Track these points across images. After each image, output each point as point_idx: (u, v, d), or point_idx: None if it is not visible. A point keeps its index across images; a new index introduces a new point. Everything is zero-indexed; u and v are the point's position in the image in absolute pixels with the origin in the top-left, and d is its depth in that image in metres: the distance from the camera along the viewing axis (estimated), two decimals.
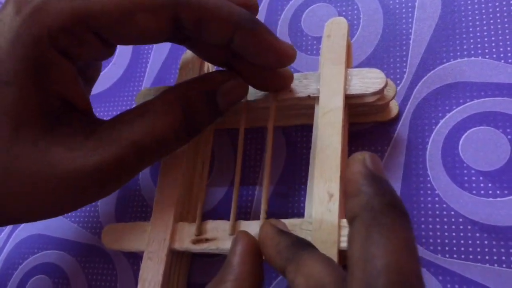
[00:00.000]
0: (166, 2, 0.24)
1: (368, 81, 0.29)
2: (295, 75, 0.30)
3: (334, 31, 0.31)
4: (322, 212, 0.26)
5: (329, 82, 0.29)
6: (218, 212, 0.33)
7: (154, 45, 0.40)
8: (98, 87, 0.41)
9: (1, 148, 0.23)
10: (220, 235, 0.28)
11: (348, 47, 0.31)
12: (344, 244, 0.25)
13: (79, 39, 0.24)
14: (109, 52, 0.27)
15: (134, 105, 0.39)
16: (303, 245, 0.22)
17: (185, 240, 0.29)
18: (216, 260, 0.32)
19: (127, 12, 0.23)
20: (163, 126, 0.25)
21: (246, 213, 0.32)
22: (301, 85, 0.30)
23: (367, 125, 0.32)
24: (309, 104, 0.30)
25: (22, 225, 0.38)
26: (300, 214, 0.31)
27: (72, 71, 0.25)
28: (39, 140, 0.24)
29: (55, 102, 0.25)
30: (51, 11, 0.23)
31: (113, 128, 0.25)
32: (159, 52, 0.40)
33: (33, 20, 0.23)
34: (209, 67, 0.36)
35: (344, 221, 0.26)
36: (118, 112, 0.39)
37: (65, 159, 0.24)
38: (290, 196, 0.32)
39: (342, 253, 0.26)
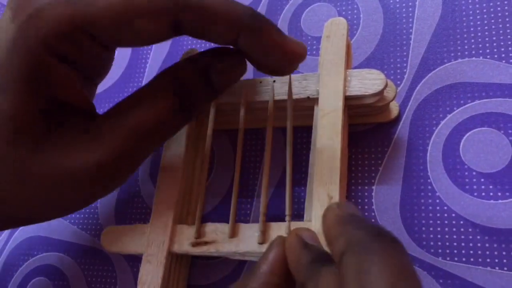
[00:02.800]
0: (166, 6, 0.23)
1: (368, 82, 0.28)
2: (294, 76, 0.30)
3: (333, 31, 0.30)
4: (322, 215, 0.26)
5: (328, 83, 0.29)
6: (217, 214, 0.33)
7: (154, 45, 0.40)
8: (98, 88, 0.41)
9: (2, 154, 0.23)
10: (219, 238, 0.28)
11: (348, 47, 0.31)
12: None
13: (77, 45, 0.23)
14: (110, 55, 0.27)
15: None
16: (322, 261, 0.20)
17: (184, 243, 0.29)
18: (216, 262, 0.31)
19: (125, 17, 0.23)
20: (158, 111, 0.25)
21: (246, 215, 0.32)
22: (301, 86, 0.30)
23: (367, 126, 0.32)
24: (309, 105, 0.30)
25: (21, 227, 0.38)
26: (300, 216, 0.31)
27: (71, 75, 0.24)
28: (39, 144, 0.24)
29: (54, 105, 0.24)
30: (46, 18, 0.22)
31: (111, 120, 0.25)
32: (158, 52, 0.40)
33: (28, 28, 0.22)
34: None
35: None
36: None
37: (66, 159, 0.24)
38: None
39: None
